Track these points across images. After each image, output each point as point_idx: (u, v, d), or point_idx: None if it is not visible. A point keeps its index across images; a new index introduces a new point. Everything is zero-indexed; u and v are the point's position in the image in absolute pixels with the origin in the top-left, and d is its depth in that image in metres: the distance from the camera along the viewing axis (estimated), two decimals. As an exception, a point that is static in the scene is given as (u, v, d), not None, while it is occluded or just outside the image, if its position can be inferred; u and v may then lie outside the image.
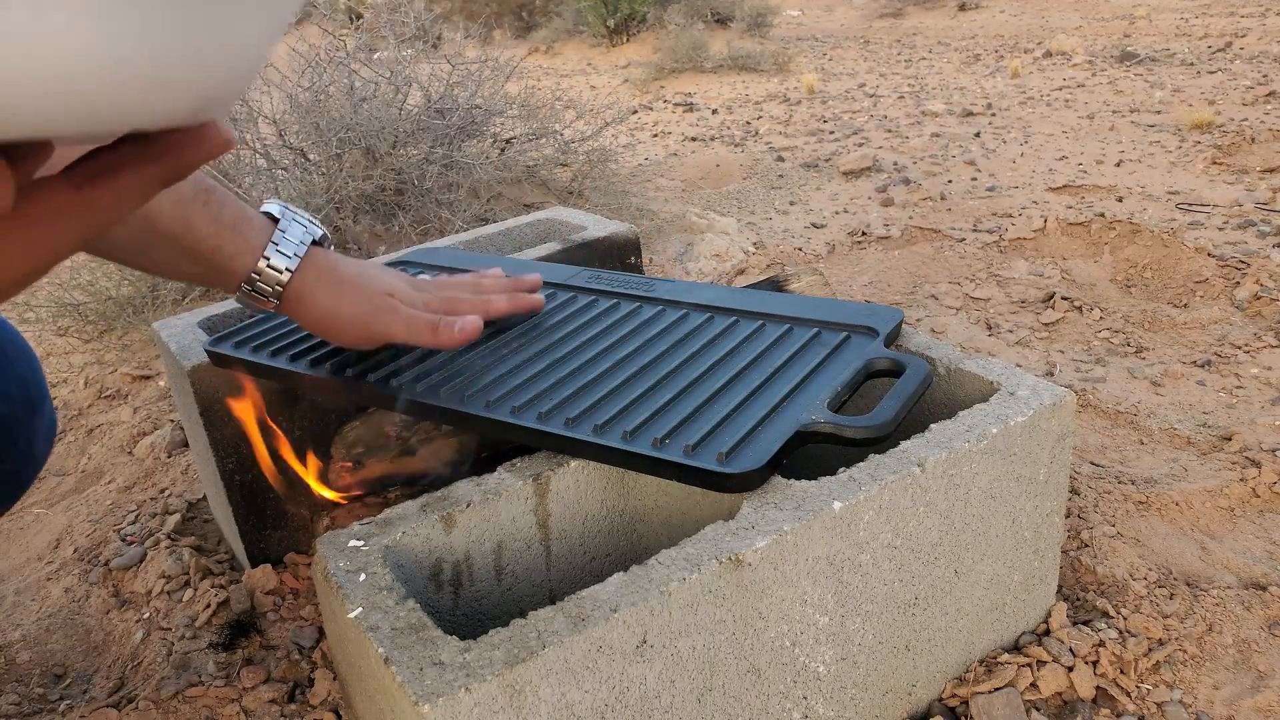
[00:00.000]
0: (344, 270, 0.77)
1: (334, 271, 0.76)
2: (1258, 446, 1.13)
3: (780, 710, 0.67)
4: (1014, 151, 2.75)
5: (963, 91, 3.91)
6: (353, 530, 0.66)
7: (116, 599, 1.02)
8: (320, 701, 0.83)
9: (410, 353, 0.83)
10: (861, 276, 1.85)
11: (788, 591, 0.64)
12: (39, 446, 0.75)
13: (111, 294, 1.76)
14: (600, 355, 0.81)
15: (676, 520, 0.76)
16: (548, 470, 0.72)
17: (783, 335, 0.83)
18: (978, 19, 6.77)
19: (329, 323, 0.77)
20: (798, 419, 0.69)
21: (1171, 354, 1.45)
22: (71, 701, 0.88)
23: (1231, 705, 0.78)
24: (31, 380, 0.74)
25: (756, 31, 6.19)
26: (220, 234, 0.72)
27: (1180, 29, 5.23)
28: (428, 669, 0.53)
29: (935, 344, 0.85)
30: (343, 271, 0.77)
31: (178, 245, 0.71)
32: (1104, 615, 0.86)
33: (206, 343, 0.87)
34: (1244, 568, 0.94)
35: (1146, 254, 1.80)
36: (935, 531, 0.71)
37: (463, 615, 0.71)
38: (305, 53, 2.10)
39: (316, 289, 0.75)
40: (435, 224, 1.90)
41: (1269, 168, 2.37)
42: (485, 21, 5.80)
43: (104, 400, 1.56)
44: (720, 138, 3.35)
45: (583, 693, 0.56)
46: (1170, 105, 3.19)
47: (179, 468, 1.27)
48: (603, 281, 0.96)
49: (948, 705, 0.79)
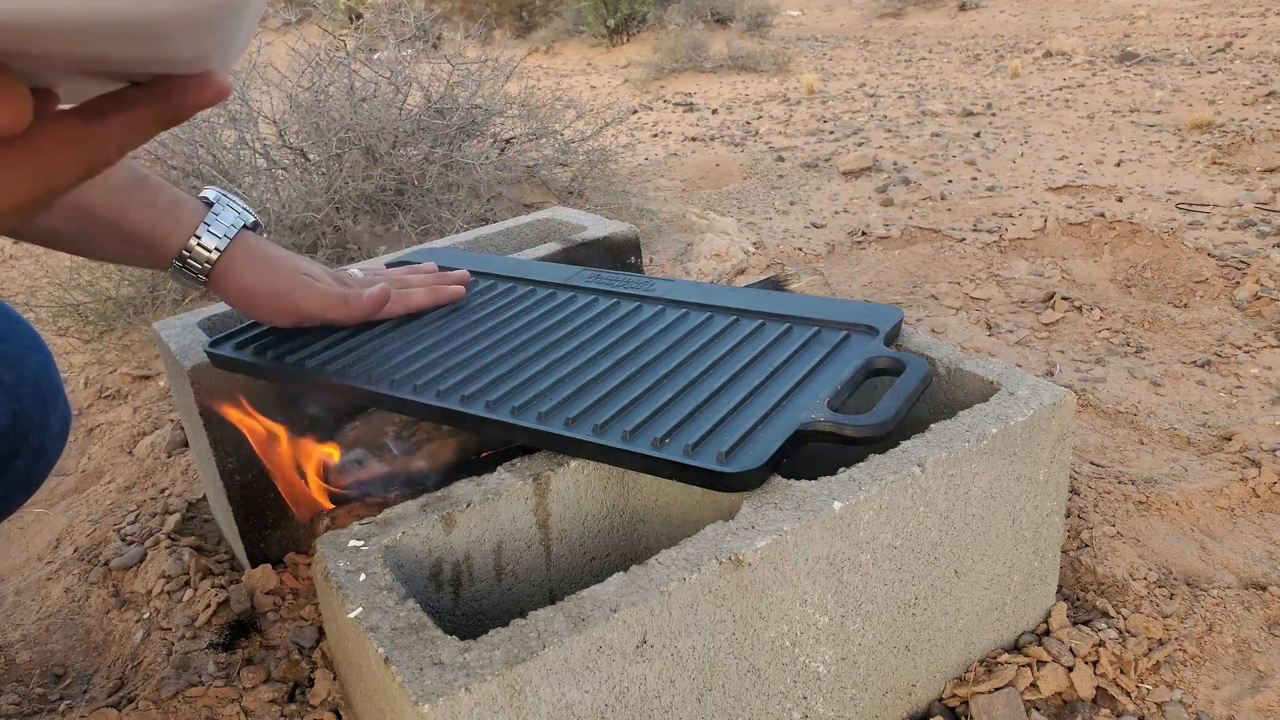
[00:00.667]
0: (269, 253, 0.83)
1: (260, 253, 0.82)
2: (1258, 446, 1.13)
3: (780, 710, 0.67)
4: (1014, 151, 2.75)
5: (963, 91, 3.91)
6: (353, 530, 0.66)
7: (116, 599, 1.02)
8: (320, 701, 0.83)
9: (401, 350, 0.83)
10: (861, 276, 1.85)
11: (788, 591, 0.64)
12: (52, 443, 0.76)
13: (111, 294, 1.76)
14: (600, 355, 0.81)
15: (676, 520, 0.76)
16: (548, 470, 0.72)
17: (782, 334, 0.82)
18: (978, 19, 6.77)
19: (249, 297, 0.82)
20: (797, 418, 0.69)
21: (1171, 354, 1.45)
22: (71, 701, 0.88)
23: (1231, 705, 0.78)
24: (44, 376, 0.74)
25: (756, 31, 6.19)
26: (156, 219, 0.78)
27: (1180, 29, 5.23)
28: (428, 669, 0.53)
29: (935, 344, 0.85)
30: (268, 254, 0.83)
31: (114, 231, 0.76)
32: (1104, 615, 0.86)
33: (206, 343, 0.87)
34: (1244, 568, 0.94)
35: (1146, 254, 1.80)
36: (935, 531, 0.71)
37: (463, 615, 0.71)
38: (305, 53, 2.10)
39: (241, 268, 0.81)
40: (435, 224, 1.90)
41: (1269, 168, 2.37)
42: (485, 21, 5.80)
43: (104, 400, 1.56)
44: (720, 138, 3.35)
45: (583, 693, 0.56)
46: (1170, 105, 3.19)
47: (179, 468, 1.27)
48: (603, 281, 0.96)
49: (948, 705, 0.79)
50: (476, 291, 0.97)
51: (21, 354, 0.72)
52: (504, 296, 0.95)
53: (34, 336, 0.75)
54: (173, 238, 0.79)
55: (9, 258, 2.41)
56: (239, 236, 0.81)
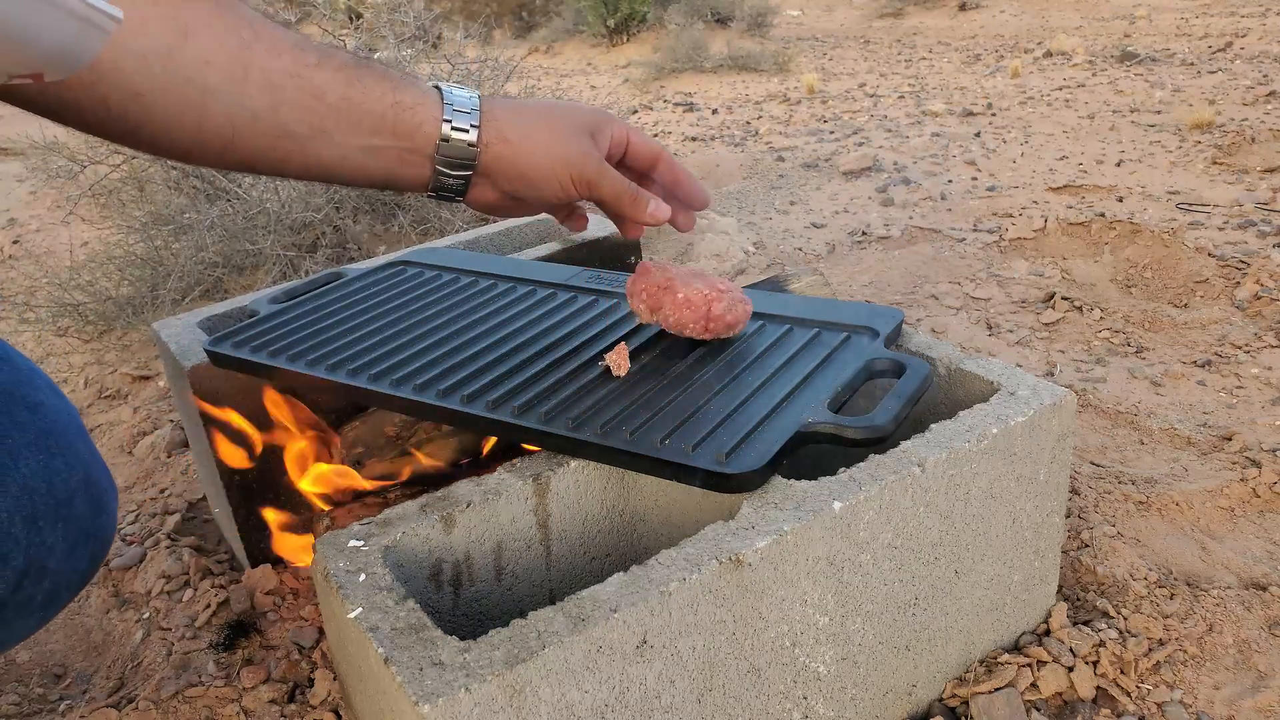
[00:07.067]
0: (530, 110, 0.72)
1: (522, 116, 0.71)
2: (1258, 446, 1.13)
3: (780, 710, 0.67)
4: (1014, 151, 2.75)
5: (963, 91, 3.91)
6: (353, 530, 0.66)
7: (116, 599, 1.02)
8: (320, 701, 0.83)
9: (403, 349, 0.83)
10: (861, 276, 1.85)
11: (788, 591, 0.64)
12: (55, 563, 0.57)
13: (111, 294, 1.76)
14: (601, 356, 0.81)
15: (676, 520, 0.76)
16: (548, 470, 0.72)
17: (783, 335, 0.83)
18: (978, 19, 6.77)
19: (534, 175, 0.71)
20: (798, 419, 0.69)
21: (1172, 354, 1.45)
22: (71, 701, 0.88)
23: (1232, 705, 0.78)
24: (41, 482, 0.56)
25: (756, 31, 6.19)
26: (396, 89, 0.66)
27: (1180, 29, 5.23)
28: (428, 669, 0.53)
29: (935, 344, 0.85)
30: (529, 112, 0.72)
31: (354, 114, 0.65)
32: (1104, 615, 0.86)
33: (206, 343, 0.87)
34: (1244, 568, 0.94)
35: (1147, 254, 1.80)
36: (935, 531, 0.71)
37: (463, 615, 0.71)
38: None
39: (515, 140, 0.70)
40: (435, 224, 1.89)
41: (1269, 168, 2.36)
42: (485, 21, 5.80)
43: (104, 400, 1.56)
44: (720, 138, 3.35)
45: (583, 693, 0.56)
46: (1170, 105, 3.19)
47: (179, 468, 1.27)
48: (603, 281, 0.96)
49: (948, 705, 0.79)
50: (477, 291, 0.97)
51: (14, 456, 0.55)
52: (504, 296, 0.95)
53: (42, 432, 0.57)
54: (422, 108, 0.67)
55: (9, 258, 2.41)
56: (487, 99, 0.70)
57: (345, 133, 0.65)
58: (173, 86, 0.60)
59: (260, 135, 0.64)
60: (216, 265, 1.72)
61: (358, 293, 0.98)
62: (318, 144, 0.65)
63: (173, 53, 0.59)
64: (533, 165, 0.71)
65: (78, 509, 0.58)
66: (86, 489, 0.59)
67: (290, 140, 0.64)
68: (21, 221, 2.75)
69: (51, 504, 0.56)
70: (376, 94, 0.66)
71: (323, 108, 0.64)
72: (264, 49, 0.62)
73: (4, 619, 0.56)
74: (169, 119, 0.61)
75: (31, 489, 0.55)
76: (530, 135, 0.71)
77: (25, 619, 0.58)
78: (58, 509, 0.57)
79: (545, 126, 0.71)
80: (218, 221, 1.73)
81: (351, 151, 0.67)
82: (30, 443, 0.56)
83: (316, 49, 0.65)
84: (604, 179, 0.73)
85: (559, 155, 0.71)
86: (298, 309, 0.93)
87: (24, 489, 0.55)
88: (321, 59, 0.65)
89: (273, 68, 0.62)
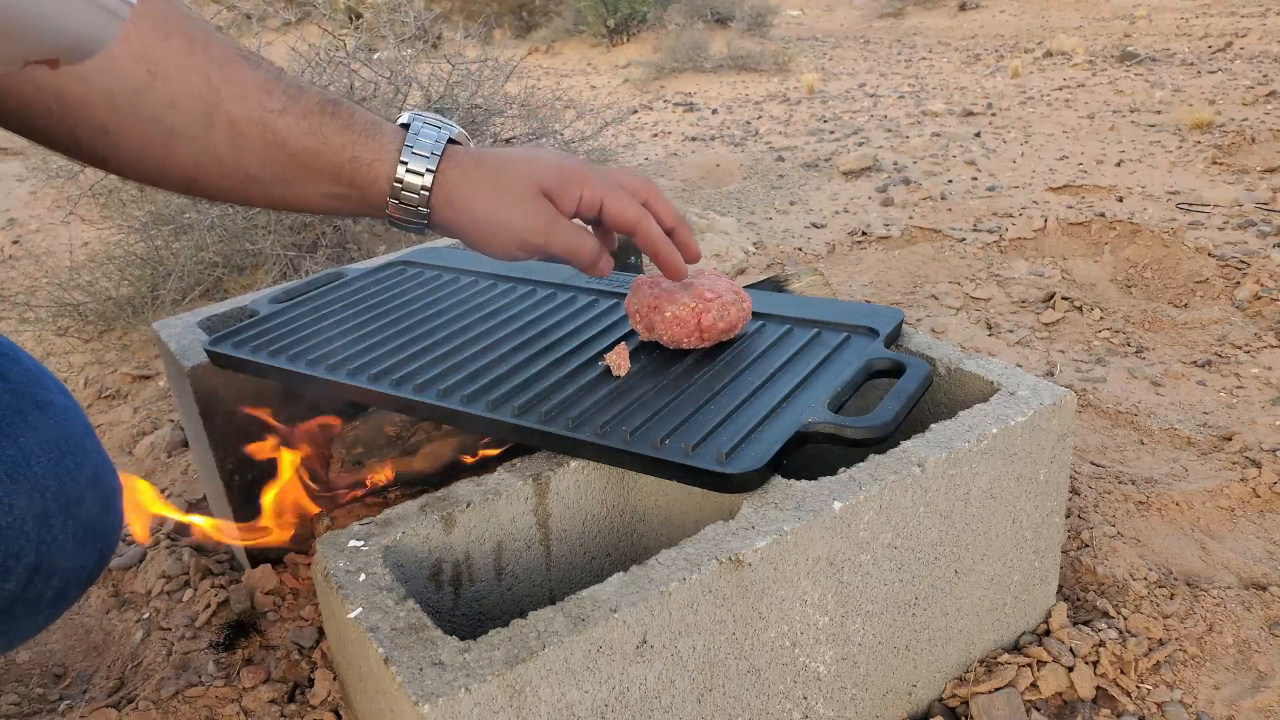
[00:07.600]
0: (488, 161, 0.72)
1: (479, 168, 0.71)
2: (1258, 446, 1.13)
3: (780, 710, 0.67)
4: (1014, 151, 2.75)
5: (963, 91, 3.91)
6: (353, 530, 0.66)
7: (116, 599, 1.02)
8: (320, 701, 0.83)
9: (403, 349, 0.83)
10: (862, 276, 1.85)
11: (788, 591, 0.64)
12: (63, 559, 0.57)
13: (111, 294, 1.76)
14: (601, 356, 0.81)
15: (676, 520, 0.76)
16: (548, 470, 0.72)
17: (783, 335, 0.83)
18: (978, 19, 6.77)
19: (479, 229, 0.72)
20: (798, 419, 0.69)
21: (1172, 354, 1.45)
22: (71, 701, 0.88)
23: (1231, 705, 0.78)
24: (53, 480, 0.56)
25: (756, 31, 6.19)
26: (356, 142, 0.68)
27: (1180, 29, 5.23)
28: (428, 669, 0.53)
29: (935, 344, 0.85)
30: (487, 163, 0.72)
31: (315, 164, 0.67)
32: (1104, 615, 0.86)
33: (206, 342, 0.87)
34: (1244, 568, 0.94)
35: (1147, 254, 1.80)
36: (935, 531, 0.71)
37: (463, 615, 0.71)
38: (305, 52, 2.10)
39: (464, 192, 0.70)
40: (435, 224, 1.89)
41: (1269, 168, 2.36)
42: (485, 21, 5.80)
43: (104, 400, 1.56)
44: (720, 138, 3.35)
45: (583, 693, 0.56)
46: (1170, 105, 3.19)
47: (179, 468, 1.27)
48: (603, 281, 0.96)
49: (948, 705, 0.79)
50: (477, 291, 0.97)
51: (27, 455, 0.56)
52: (504, 296, 0.95)
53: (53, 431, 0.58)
54: (379, 164, 0.68)
55: (9, 258, 2.41)
56: (448, 152, 0.70)
57: (305, 181, 0.68)
58: (138, 126, 0.62)
59: (225, 177, 0.67)
60: (216, 265, 1.72)
61: (358, 293, 0.98)
62: (281, 188, 0.68)
63: (140, 93, 0.61)
64: (477, 230, 0.72)
65: (87, 507, 0.58)
66: (95, 487, 0.59)
67: (254, 183, 0.67)
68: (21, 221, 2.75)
69: (62, 502, 0.57)
70: (336, 145, 0.67)
71: (284, 156, 0.66)
72: (231, 93, 0.64)
73: (14, 615, 0.56)
74: (135, 155, 0.64)
75: (43, 487, 0.56)
76: (474, 201, 0.71)
77: (34, 616, 0.58)
78: (68, 507, 0.57)
79: (490, 191, 0.71)
80: (218, 221, 1.73)
81: (314, 195, 0.70)
82: (41, 442, 0.57)
83: (285, 90, 0.66)
84: (554, 239, 0.72)
85: (502, 222, 0.71)
86: (298, 309, 0.93)
87: (36, 487, 0.55)
88: (288, 104, 0.66)
89: (238, 114, 0.64)
